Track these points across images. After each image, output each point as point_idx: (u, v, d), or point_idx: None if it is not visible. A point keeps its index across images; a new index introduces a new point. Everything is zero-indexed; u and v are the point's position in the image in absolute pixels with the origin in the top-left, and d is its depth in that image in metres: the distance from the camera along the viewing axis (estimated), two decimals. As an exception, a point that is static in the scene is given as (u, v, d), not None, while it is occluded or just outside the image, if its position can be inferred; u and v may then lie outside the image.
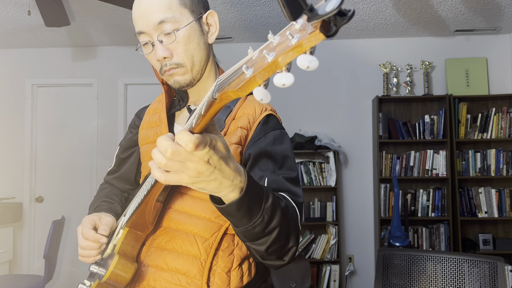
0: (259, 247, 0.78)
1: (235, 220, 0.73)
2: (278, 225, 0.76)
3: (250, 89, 0.49)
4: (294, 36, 0.44)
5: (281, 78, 0.45)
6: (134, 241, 0.95)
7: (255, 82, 0.48)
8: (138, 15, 0.94)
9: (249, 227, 0.73)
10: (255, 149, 0.93)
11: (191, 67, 0.96)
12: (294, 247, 0.83)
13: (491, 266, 1.64)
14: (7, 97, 4.27)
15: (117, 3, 2.58)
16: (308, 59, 0.43)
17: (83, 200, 4.13)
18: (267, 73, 0.47)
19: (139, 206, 0.89)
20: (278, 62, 0.45)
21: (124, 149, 1.20)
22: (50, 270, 3.08)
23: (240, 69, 0.50)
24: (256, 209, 0.72)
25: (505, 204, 3.68)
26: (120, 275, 0.90)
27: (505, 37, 3.96)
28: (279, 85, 0.46)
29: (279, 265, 0.85)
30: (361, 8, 3.34)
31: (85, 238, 0.94)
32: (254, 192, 0.71)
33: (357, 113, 4.05)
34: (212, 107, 0.56)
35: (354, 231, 4.00)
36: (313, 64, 0.43)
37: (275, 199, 0.75)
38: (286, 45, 0.44)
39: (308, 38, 0.43)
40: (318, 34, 0.42)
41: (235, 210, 0.70)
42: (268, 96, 0.48)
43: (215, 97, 0.54)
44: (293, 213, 0.83)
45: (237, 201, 0.68)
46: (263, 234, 0.75)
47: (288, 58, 0.45)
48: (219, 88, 0.54)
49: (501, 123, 3.69)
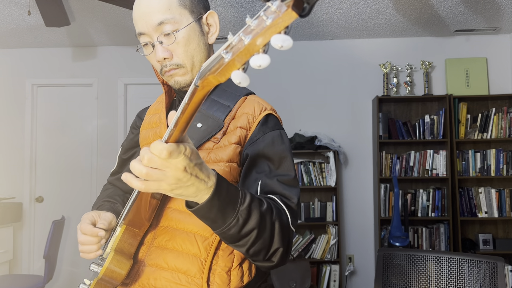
0: (240, 248, 0.80)
1: (210, 222, 0.75)
2: (255, 227, 0.77)
3: (229, 72, 0.50)
4: (269, 17, 0.44)
5: (257, 59, 0.46)
6: (131, 239, 0.95)
7: (234, 65, 0.49)
8: (138, 16, 0.94)
9: (224, 229, 0.75)
10: (252, 150, 0.93)
11: (191, 67, 0.96)
12: (280, 248, 0.83)
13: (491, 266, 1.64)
14: (7, 97, 4.27)
15: (117, 3, 2.58)
16: (281, 38, 0.44)
17: (83, 200, 4.13)
18: (245, 56, 0.47)
19: (134, 203, 0.90)
20: (256, 44, 0.46)
21: (126, 150, 1.21)
22: (50, 270, 3.08)
23: (220, 55, 0.51)
24: (230, 211, 0.74)
25: (505, 204, 3.68)
26: (115, 271, 0.90)
27: (505, 37, 3.96)
28: (255, 67, 0.46)
29: (269, 267, 0.86)
30: (361, 8, 3.34)
31: (84, 233, 0.94)
32: (226, 194, 0.73)
33: (357, 113, 4.05)
34: (196, 94, 0.57)
35: (354, 231, 4.00)
36: (287, 43, 0.44)
37: (253, 202, 0.77)
38: (261, 26, 0.45)
39: (282, 17, 0.43)
40: (291, 13, 0.43)
41: (206, 212, 0.72)
42: (247, 79, 0.49)
43: (197, 84, 0.56)
44: (281, 215, 0.84)
45: (206, 203, 0.71)
46: (240, 236, 0.77)
47: (265, 39, 0.45)
48: (201, 76, 0.55)
49: (501, 123, 3.69)
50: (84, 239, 0.94)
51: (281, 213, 0.84)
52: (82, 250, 0.95)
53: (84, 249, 0.94)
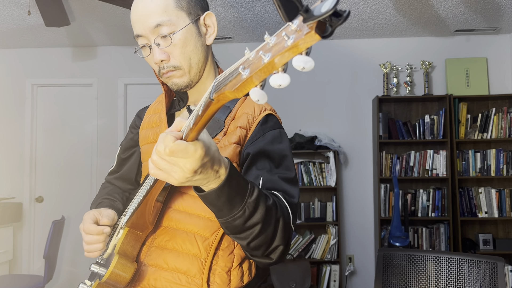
0: (241, 241, 0.80)
1: (216, 210, 0.75)
2: (260, 221, 0.76)
3: (247, 89, 0.50)
4: (290, 37, 0.44)
5: (277, 79, 0.46)
6: (134, 241, 0.95)
7: (252, 82, 0.48)
8: (136, 19, 0.94)
9: (229, 218, 0.74)
10: (253, 148, 0.93)
11: (188, 69, 0.97)
12: (281, 246, 0.83)
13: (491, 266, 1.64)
14: (7, 97, 4.27)
15: (117, 3, 2.58)
16: (303, 60, 0.44)
17: (83, 200, 4.13)
18: (264, 74, 0.47)
19: (139, 206, 0.89)
20: (275, 63, 0.45)
21: (125, 149, 1.21)
22: (50, 270, 3.08)
23: (237, 70, 0.50)
24: (238, 201, 0.73)
25: (505, 204, 3.68)
26: (120, 275, 0.90)
27: (505, 37, 3.96)
28: (275, 86, 0.46)
29: (267, 263, 0.86)
30: (361, 8, 3.34)
31: (88, 233, 0.94)
32: (236, 184, 0.72)
33: (357, 113, 4.05)
34: (210, 107, 0.57)
35: (354, 231, 4.00)
36: (309, 65, 0.44)
37: (261, 196, 0.76)
38: (282, 46, 0.45)
39: (304, 39, 0.43)
40: (314, 35, 0.42)
41: (215, 198, 0.72)
42: (265, 96, 0.48)
43: (212, 98, 0.55)
44: (284, 212, 0.84)
45: (216, 190, 0.70)
46: (244, 228, 0.76)
47: (284, 59, 0.45)
48: (216, 89, 0.55)
49: (501, 123, 3.69)
50: (90, 239, 0.94)
51: (284, 211, 0.84)
52: (88, 250, 0.95)
53: (91, 248, 0.94)
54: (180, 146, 0.61)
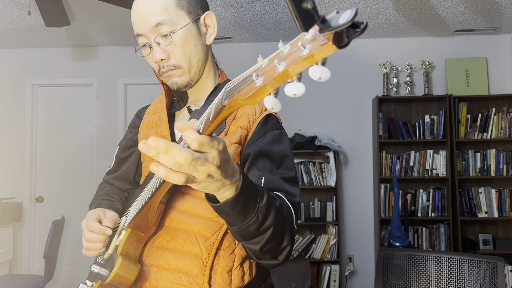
0: (253, 246, 0.79)
1: (230, 219, 0.73)
2: (272, 224, 0.76)
3: (260, 97, 0.49)
4: (306, 47, 0.43)
5: (292, 88, 0.46)
6: (136, 242, 0.95)
7: (266, 91, 0.48)
8: (136, 18, 0.95)
9: (244, 225, 0.73)
10: (254, 148, 0.93)
11: (188, 68, 0.97)
12: (288, 246, 0.83)
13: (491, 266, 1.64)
14: (7, 97, 4.27)
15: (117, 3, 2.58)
16: (320, 70, 0.43)
17: (83, 200, 4.13)
18: (278, 82, 0.47)
19: (143, 208, 0.89)
20: (289, 72, 0.45)
21: (124, 149, 1.20)
22: (50, 270, 3.08)
23: (250, 77, 0.50)
24: (251, 208, 0.72)
25: (505, 204, 3.68)
26: (123, 277, 0.90)
27: (505, 37, 3.96)
28: (290, 95, 0.46)
29: (274, 265, 0.86)
30: (361, 8, 3.34)
31: (90, 231, 0.94)
32: (249, 191, 0.71)
33: (357, 113, 4.05)
34: (221, 113, 0.56)
35: (354, 231, 4.00)
36: (325, 75, 0.43)
37: (269, 198, 0.76)
38: (297, 55, 0.44)
39: (320, 49, 0.42)
40: (331, 46, 0.42)
41: (230, 208, 0.70)
42: (279, 104, 0.48)
43: (224, 104, 0.54)
44: (288, 212, 0.83)
45: (232, 199, 0.69)
46: (258, 233, 0.76)
47: (300, 68, 0.45)
48: (228, 95, 0.54)
49: (501, 123, 3.69)
50: (91, 237, 0.93)
51: (288, 211, 0.84)
52: (88, 248, 0.94)
53: (90, 247, 0.94)
54: (207, 138, 0.58)
